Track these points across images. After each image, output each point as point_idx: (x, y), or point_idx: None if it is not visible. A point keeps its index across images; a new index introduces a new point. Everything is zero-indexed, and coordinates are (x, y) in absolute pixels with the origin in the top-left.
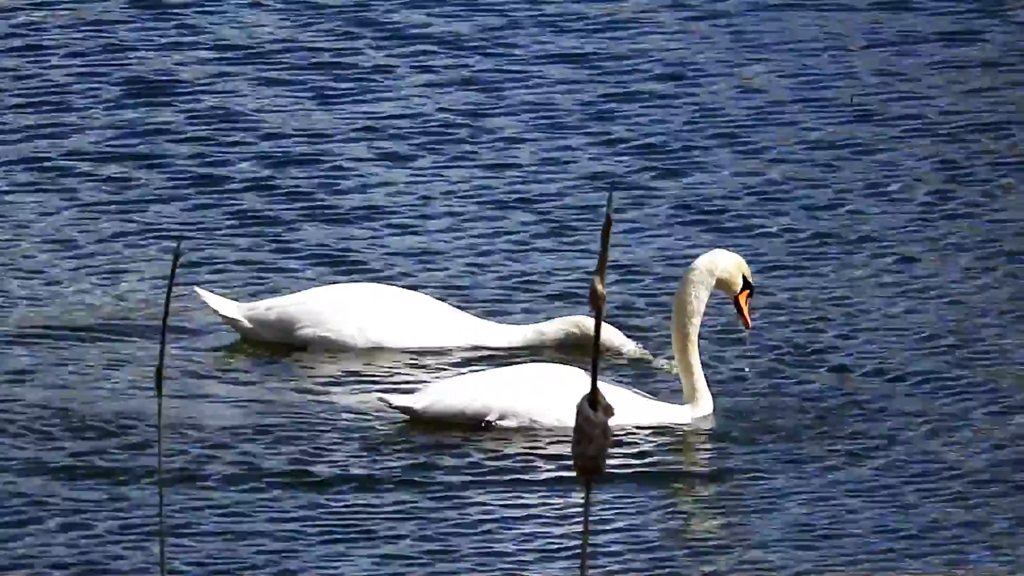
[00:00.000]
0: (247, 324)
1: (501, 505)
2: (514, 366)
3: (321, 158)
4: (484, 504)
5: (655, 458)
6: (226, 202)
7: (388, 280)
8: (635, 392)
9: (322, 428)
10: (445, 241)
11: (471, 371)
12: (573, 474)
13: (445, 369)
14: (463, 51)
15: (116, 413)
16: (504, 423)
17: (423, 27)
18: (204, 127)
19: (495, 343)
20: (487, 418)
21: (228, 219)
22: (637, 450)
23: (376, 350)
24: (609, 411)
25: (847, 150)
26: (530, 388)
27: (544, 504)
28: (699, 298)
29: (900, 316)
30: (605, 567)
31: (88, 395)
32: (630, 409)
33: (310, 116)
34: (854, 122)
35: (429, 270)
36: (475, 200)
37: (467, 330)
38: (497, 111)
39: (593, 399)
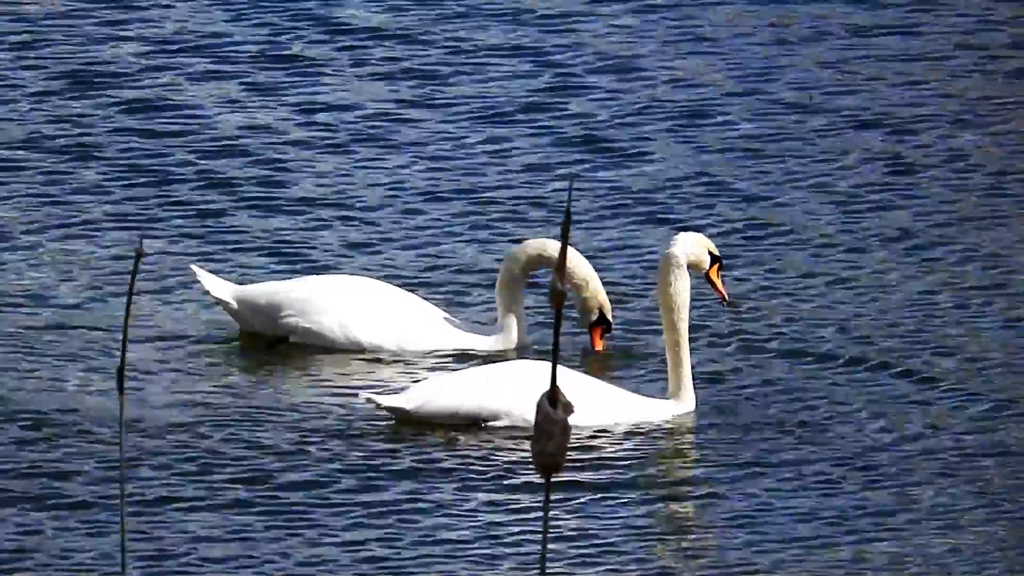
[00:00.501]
0: (235, 306)
1: (490, 505)
2: (504, 364)
3: (262, 149)
4: (473, 505)
5: (634, 458)
6: (165, 193)
7: (329, 270)
8: (616, 387)
9: (307, 429)
10: (388, 231)
11: (459, 370)
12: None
13: (429, 369)
14: (403, 43)
15: (75, 412)
16: (496, 423)
17: (361, 18)
18: (141, 118)
19: (480, 346)
20: (479, 418)
21: (169, 209)
22: (617, 447)
23: (358, 348)
24: (569, 409)
25: (789, 141)
26: (522, 387)
27: (535, 505)
28: (678, 290)
29: (839, 307)
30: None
31: (43, 392)
32: (612, 404)
33: (249, 107)
34: (798, 113)
35: (372, 259)
36: (415, 191)
37: (451, 333)
38: (438, 103)
39: (553, 396)
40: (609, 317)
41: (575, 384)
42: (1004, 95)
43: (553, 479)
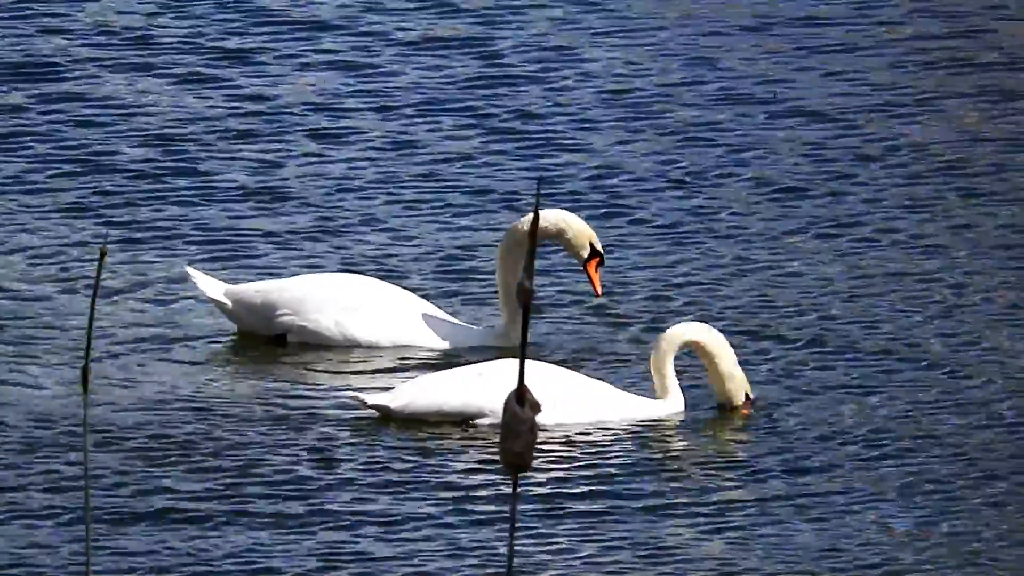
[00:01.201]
0: (231, 306)
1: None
2: (489, 363)
3: (195, 140)
4: (460, 503)
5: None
6: (104, 184)
7: (283, 260)
8: (607, 385)
9: (291, 428)
10: (334, 221)
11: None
12: (561, 474)
13: (422, 368)
14: (333, 34)
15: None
16: (481, 421)
17: (294, 9)
18: (78, 111)
19: (474, 343)
20: (464, 417)
21: (106, 202)
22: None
23: (355, 345)
24: (536, 407)
25: (711, 131)
26: (506, 385)
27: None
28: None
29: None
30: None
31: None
32: (603, 402)
33: (186, 99)
34: (720, 104)
35: (316, 247)
36: (360, 181)
37: (447, 331)
38: (370, 94)
39: (520, 395)
40: (599, 247)
41: (564, 381)
42: (947, 86)
43: (521, 477)
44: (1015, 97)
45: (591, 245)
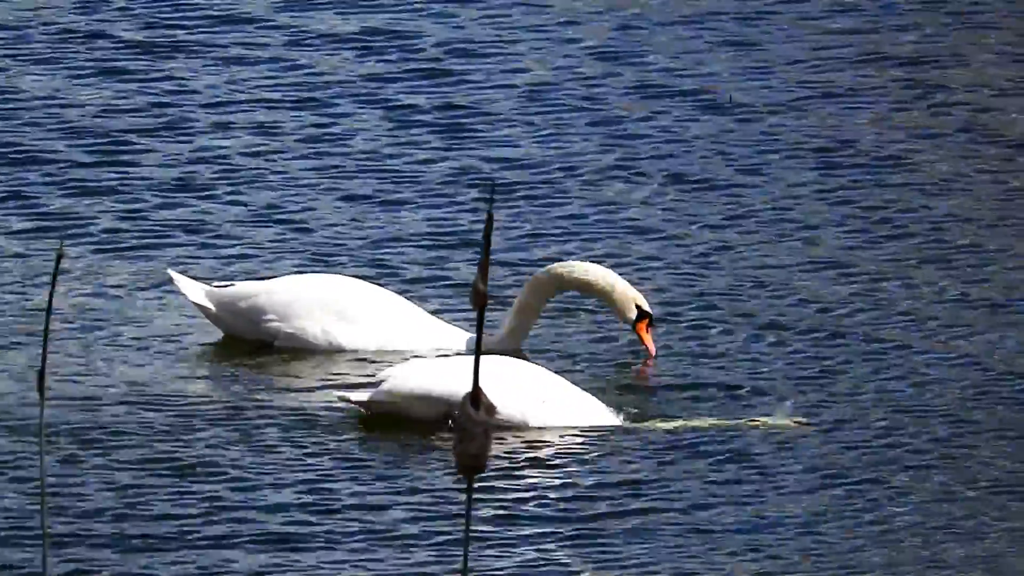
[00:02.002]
0: (214, 310)
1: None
2: (471, 358)
3: (115, 133)
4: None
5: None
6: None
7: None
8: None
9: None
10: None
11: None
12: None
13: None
14: (243, 29)
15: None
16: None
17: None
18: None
19: (464, 349)
20: (447, 411)
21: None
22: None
23: (342, 351)
24: (491, 410)
25: (633, 125)
26: (504, 385)
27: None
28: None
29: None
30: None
31: None
32: (582, 405)
33: (99, 92)
34: (647, 98)
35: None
36: (238, 176)
37: (436, 334)
38: (272, 89)
39: (476, 397)
40: (646, 308)
41: (548, 383)
42: (891, 80)
43: (476, 480)
44: (928, 88)
45: (637, 307)
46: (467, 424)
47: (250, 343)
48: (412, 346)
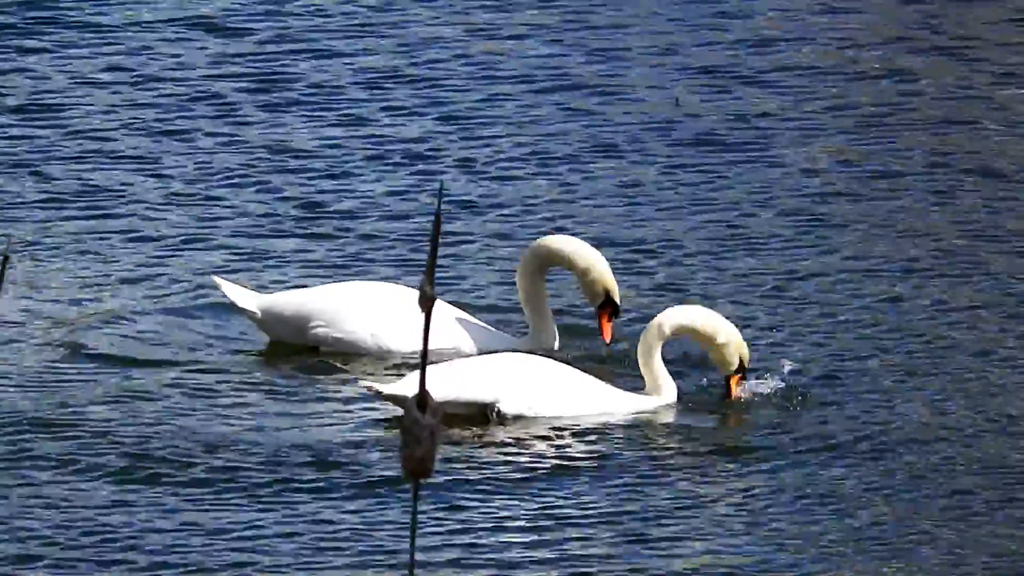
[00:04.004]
0: (260, 316)
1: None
2: (503, 355)
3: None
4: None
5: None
6: None
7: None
8: (597, 380)
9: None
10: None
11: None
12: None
13: None
14: (178, 26)
15: None
16: (502, 411)
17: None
18: None
19: (506, 349)
20: (484, 406)
21: None
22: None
23: (390, 355)
24: (437, 413)
25: (576, 122)
26: (524, 377)
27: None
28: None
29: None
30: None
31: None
32: (593, 396)
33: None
34: (593, 95)
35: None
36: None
37: (481, 337)
38: (223, 86)
39: (422, 401)
40: (616, 299)
41: (556, 375)
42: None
43: (422, 483)
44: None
45: (607, 295)
46: (413, 428)
47: (296, 348)
48: (459, 349)
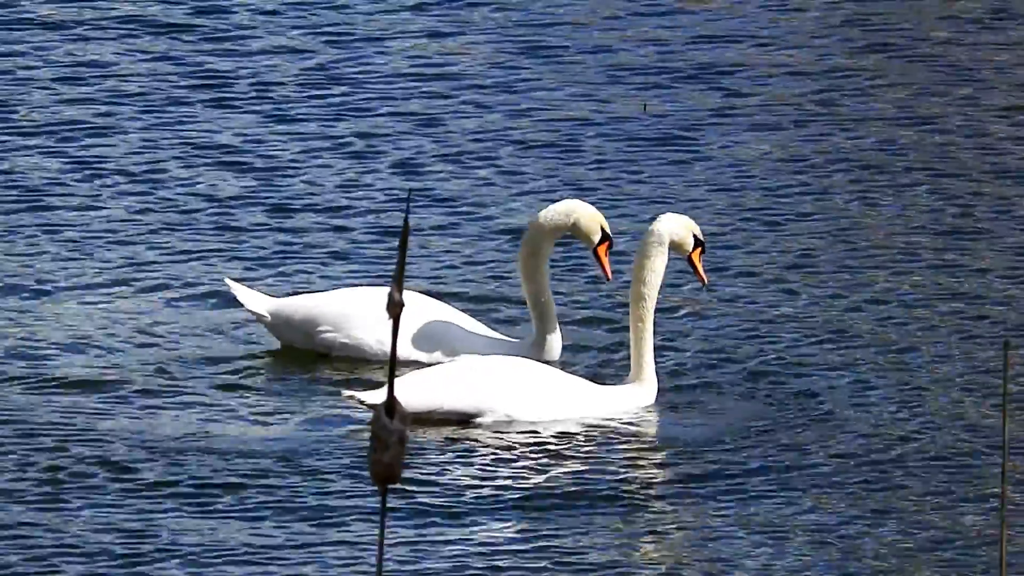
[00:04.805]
0: (271, 320)
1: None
2: (488, 360)
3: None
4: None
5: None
6: None
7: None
8: (573, 376)
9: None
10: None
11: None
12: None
13: None
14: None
15: None
16: (481, 420)
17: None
18: None
19: (514, 356)
20: (462, 415)
21: None
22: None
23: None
24: (406, 419)
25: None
26: (504, 383)
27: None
28: (654, 267)
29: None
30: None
31: None
32: (570, 394)
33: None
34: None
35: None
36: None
37: (488, 344)
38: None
39: (390, 406)
40: (608, 230)
41: (531, 375)
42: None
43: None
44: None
45: (602, 229)
46: (381, 433)
47: (307, 354)
48: (467, 355)
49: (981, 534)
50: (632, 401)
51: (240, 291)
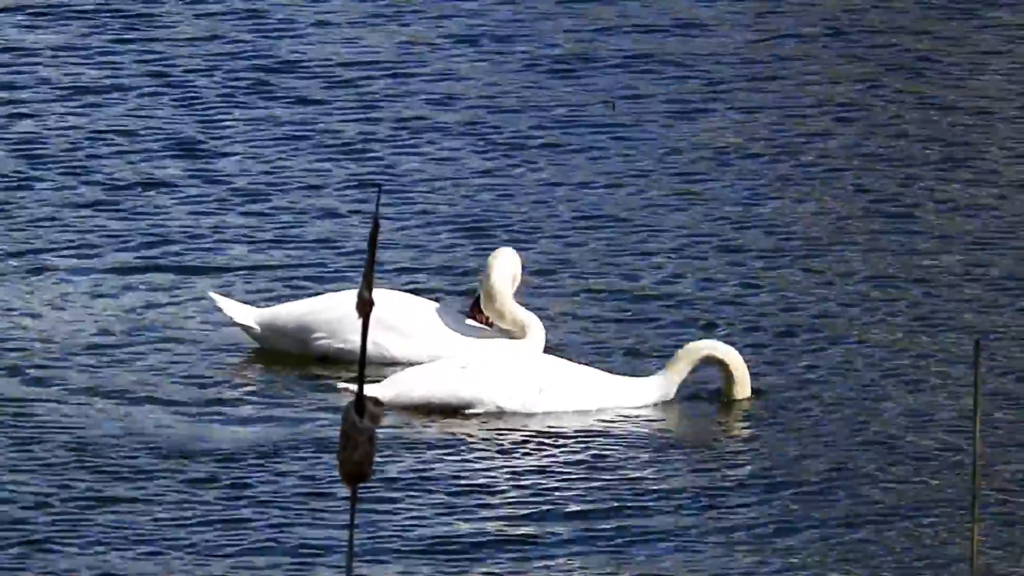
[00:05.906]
0: (260, 331)
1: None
2: (481, 352)
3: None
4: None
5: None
6: None
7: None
8: (594, 368)
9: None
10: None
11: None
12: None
13: None
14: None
15: None
16: (472, 411)
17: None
18: None
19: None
20: (455, 407)
21: None
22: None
23: (394, 364)
24: (376, 418)
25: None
26: (496, 375)
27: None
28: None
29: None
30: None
31: None
32: (589, 387)
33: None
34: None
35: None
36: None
37: (485, 344)
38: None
39: (360, 405)
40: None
41: (550, 367)
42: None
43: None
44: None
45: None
46: (351, 431)
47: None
48: (462, 356)
49: (955, 532)
50: (653, 394)
51: (225, 304)
